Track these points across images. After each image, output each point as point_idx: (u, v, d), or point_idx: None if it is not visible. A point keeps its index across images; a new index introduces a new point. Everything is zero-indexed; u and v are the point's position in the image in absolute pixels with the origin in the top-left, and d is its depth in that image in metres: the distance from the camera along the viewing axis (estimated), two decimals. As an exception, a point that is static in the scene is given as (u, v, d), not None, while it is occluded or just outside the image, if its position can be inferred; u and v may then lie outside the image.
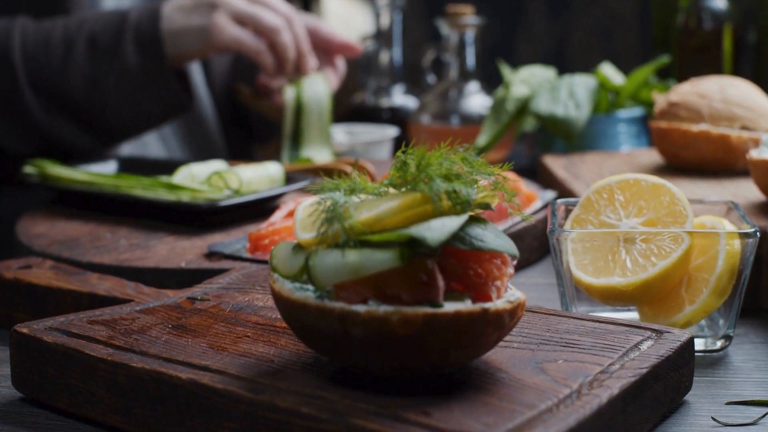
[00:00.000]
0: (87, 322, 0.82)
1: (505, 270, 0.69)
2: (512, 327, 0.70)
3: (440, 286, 0.66)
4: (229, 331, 0.80)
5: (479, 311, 0.66)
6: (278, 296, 0.69)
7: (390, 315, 0.64)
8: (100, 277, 0.96)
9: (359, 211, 0.66)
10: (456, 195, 0.67)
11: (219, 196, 1.20)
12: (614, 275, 0.87)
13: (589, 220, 0.92)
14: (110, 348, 0.77)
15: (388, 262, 0.65)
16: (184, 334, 0.80)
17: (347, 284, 0.66)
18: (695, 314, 0.87)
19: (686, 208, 0.89)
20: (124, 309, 0.86)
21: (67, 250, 1.10)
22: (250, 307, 0.86)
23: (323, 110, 1.50)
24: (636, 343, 0.77)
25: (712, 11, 1.67)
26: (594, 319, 0.82)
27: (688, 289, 0.88)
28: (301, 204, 0.71)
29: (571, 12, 2.69)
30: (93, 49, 1.39)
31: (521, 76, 1.54)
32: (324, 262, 0.66)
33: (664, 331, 0.79)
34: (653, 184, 0.91)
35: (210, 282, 0.94)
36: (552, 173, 1.33)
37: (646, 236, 0.87)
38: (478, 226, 0.68)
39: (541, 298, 1.03)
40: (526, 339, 0.77)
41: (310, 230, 0.68)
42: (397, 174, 0.70)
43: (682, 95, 1.29)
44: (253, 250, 1.05)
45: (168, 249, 1.09)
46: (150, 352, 0.75)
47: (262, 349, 0.76)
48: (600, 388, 0.68)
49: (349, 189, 0.69)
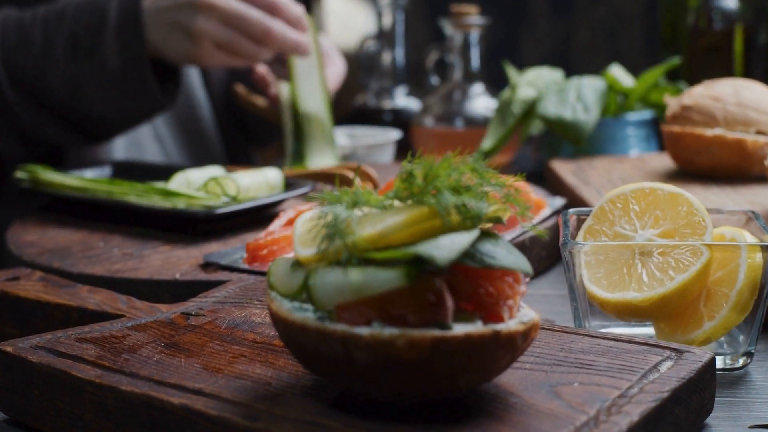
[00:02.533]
0: (75, 340, 0.78)
1: (518, 288, 0.65)
2: (525, 349, 0.66)
3: (449, 306, 0.61)
4: (224, 350, 0.76)
5: (491, 334, 0.62)
6: (276, 317, 0.65)
7: (395, 338, 0.60)
8: (90, 289, 0.92)
9: (362, 226, 0.62)
10: (466, 209, 0.63)
11: (216, 203, 1.15)
12: (630, 290, 0.83)
13: (602, 231, 0.88)
14: (99, 369, 0.72)
15: (393, 281, 0.60)
16: (177, 353, 0.75)
17: (350, 305, 0.61)
18: (715, 331, 0.83)
19: (705, 219, 0.85)
20: (115, 325, 0.81)
21: (58, 260, 1.06)
22: (246, 323, 0.81)
23: (321, 113, 1.46)
24: (655, 363, 0.72)
25: (723, 11, 1.63)
26: (610, 337, 0.77)
27: (707, 304, 0.84)
28: (300, 217, 0.67)
29: (576, 12, 2.65)
30: (73, 49, 1.35)
31: (528, 77, 1.50)
32: (325, 281, 0.62)
33: (684, 350, 0.75)
34: (670, 194, 0.87)
35: (205, 295, 0.89)
36: (561, 179, 1.28)
37: (664, 249, 0.83)
38: (488, 242, 0.64)
39: (552, 311, 0.99)
40: (539, 359, 0.73)
41: (309, 246, 0.64)
42: (402, 185, 0.66)
43: (695, 98, 1.25)
44: (250, 260, 1.00)
45: (162, 259, 1.05)
46: (141, 374, 0.71)
47: (259, 371, 0.72)
48: (619, 415, 0.64)
49: (352, 202, 0.64)
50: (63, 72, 1.35)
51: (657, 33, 2.58)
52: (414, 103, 1.78)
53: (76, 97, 1.37)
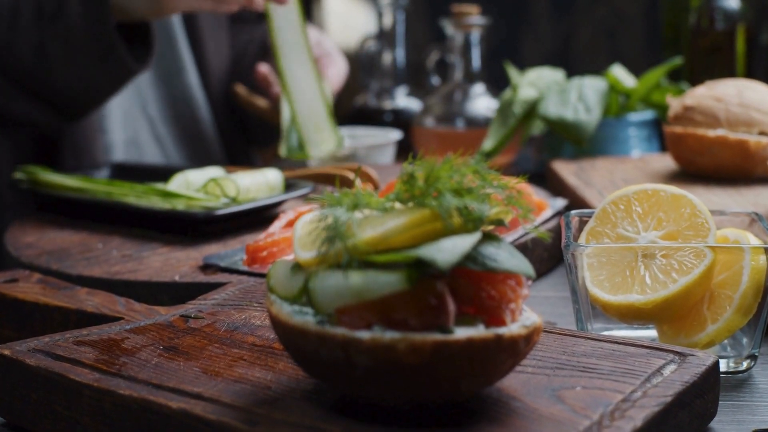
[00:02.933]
0: (73, 343, 0.77)
1: (520, 291, 0.64)
2: (528, 353, 0.65)
3: (451, 310, 0.61)
4: (223, 353, 0.75)
5: (493, 338, 0.61)
6: (276, 320, 0.64)
7: (396, 342, 0.60)
8: (89, 292, 0.91)
9: (363, 229, 0.61)
10: (468, 211, 0.62)
11: (215, 204, 1.15)
12: (632, 292, 0.82)
13: (605, 233, 0.87)
14: (97, 372, 0.72)
15: (394, 284, 0.60)
16: (175, 356, 0.75)
17: (350, 308, 0.61)
18: (718, 333, 0.82)
19: (708, 221, 0.85)
20: (113, 328, 0.81)
21: (57, 261, 1.05)
22: (246, 326, 0.81)
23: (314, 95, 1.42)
24: (658, 367, 0.72)
25: (725, 11, 1.62)
26: (612, 341, 0.77)
27: (710, 307, 0.83)
28: (300, 219, 0.66)
29: (576, 11, 2.64)
30: (39, 15, 1.32)
31: (529, 78, 1.49)
32: (325, 284, 0.61)
33: (687, 354, 0.74)
34: (673, 195, 0.86)
35: (205, 298, 0.89)
36: (562, 180, 1.28)
37: (667, 251, 0.82)
38: (490, 245, 0.63)
39: (554, 313, 0.98)
40: (541, 363, 0.72)
41: (309, 249, 0.63)
42: (403, 187, 0.65)
43: (698, 99, 1.24)
44: (250, 262, 1.00)
45: (161, 261, 1.04)
46: (139, 378, 0.71)
47: (258, 374, 0.71)
48: (622, 420, 0.64)
49: (352, 204, 0.64)
50: (29, 40, 1.33)
51: (658, 33, 2.58)
52: (415, 104, 1.77)
53: (42, 67, 1.34)
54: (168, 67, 1.63)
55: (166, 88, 1.64)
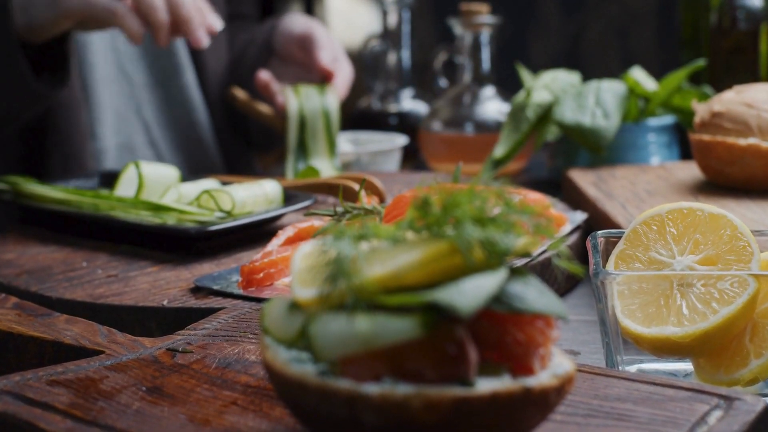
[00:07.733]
0: (46, 383, 0.69)
1: (550, 334, 0.56)
2: (558, 404, 0.57)
3: (472, 360, 0.53)
4: (213, 396, 0.67)
5: (520, 391, 0.53)
6: (270, 368, 0.56)
7: (410, 398, 0.51)
8: (68, 319, 0.83)
9: (371, 265, 0.53)
10: (491, 245, 0.54)
11: (209, 218, 1.07)
12: (668, 324, 0.74)
13: (636, 257, 0.79)
14: (70, 420, 0.64)
15: (407, 331, 0.52)
16: (159, 400, 0.67)
17: (356, 358, 0.53)
18: (763, 369, 0.74)
19: (751, 244, 0.77)
20: (92, 364, 0.73)
21: (36, 282, 0.97)
22: (239, 362, 0.73)
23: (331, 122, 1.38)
24: (702, 414, 0.64)
25: (748, 10, 1.53)
26: (649, 381, 0.69)
27: (753, 339, 0.75)
28: (299, 250, 0.58)
29: (587, 9, 2.56)
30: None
31: (543, 80, 1.41)
32: (327, 329, 0.53)
33: (733, 397, 0.66)
34: (711, 215, 0.78)
35: (194, 327, 0.81)
36: (581, 191, 1.20)
37: (706, 280, 0.74)
38: (517, 282, 0.55)
39: (576, 340, 0.90)
40: (571, 409, 0.64)
41: (309, 286, 0.55)
42: (417, 214, 0.57)
43: (727, 104, 1.16)
44: (245, 285, 0.92)
45: (149, 282, 0.96)
46: (117, 427, 0.63)
47: (251, 423, 0.63)
48: (668, 482, 0.56)
49: (358, 235, 0.56)
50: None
51: (671, 32, 2.50)
52: (421, 107, 1.69)
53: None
54: (164, 68, 1.55)
55: (162, 90, 1.56)
